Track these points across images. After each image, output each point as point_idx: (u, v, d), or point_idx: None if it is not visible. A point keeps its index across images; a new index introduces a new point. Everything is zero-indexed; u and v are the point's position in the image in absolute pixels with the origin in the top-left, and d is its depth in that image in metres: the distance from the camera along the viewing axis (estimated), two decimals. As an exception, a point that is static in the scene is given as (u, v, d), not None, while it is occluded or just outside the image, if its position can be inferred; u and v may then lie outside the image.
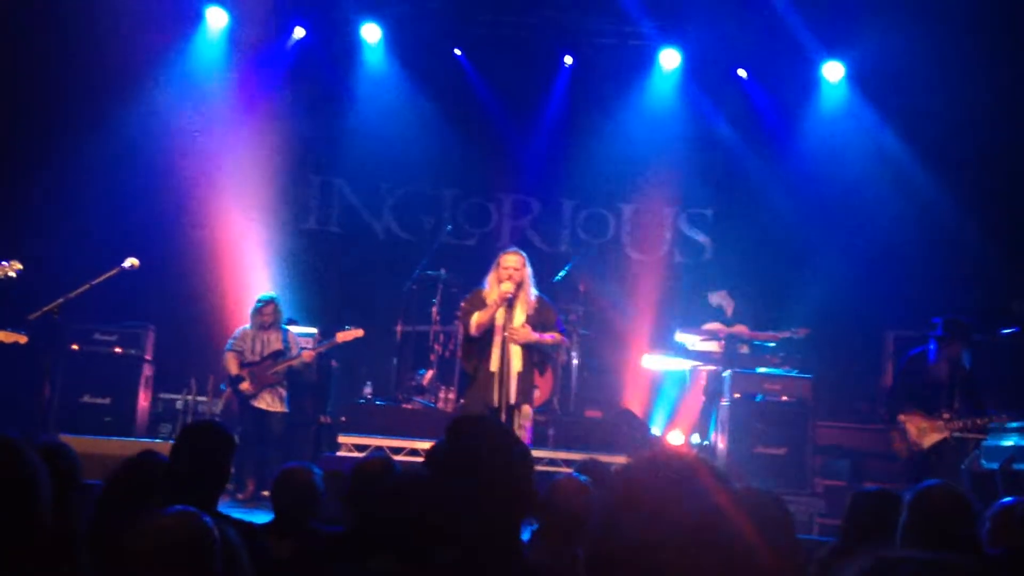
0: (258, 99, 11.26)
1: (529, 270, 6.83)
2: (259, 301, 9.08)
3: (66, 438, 6.86)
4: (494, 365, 6.63)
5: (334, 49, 11.49)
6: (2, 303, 7.92)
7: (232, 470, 3.53)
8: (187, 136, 10.74)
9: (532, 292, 6.81)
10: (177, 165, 10.69)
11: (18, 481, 2.00)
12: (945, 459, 7.50)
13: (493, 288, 6.74)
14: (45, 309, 7.15)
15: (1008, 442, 7.91)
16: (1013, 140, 10.43)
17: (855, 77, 11.23)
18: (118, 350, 9.47)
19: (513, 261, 6.75)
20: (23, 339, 7.47)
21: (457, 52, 11.60)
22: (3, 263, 7.30)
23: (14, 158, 10.44)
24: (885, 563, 1.16)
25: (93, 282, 7.60)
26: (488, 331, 6.69)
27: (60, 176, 10.19)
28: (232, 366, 8.86)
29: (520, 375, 6.66)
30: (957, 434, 7.54)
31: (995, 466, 7.87)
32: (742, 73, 11.46)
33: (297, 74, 11.42)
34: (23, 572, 1.95)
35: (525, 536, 3.20)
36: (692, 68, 11.48)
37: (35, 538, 1.99)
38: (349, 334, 9.12)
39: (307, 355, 8.97)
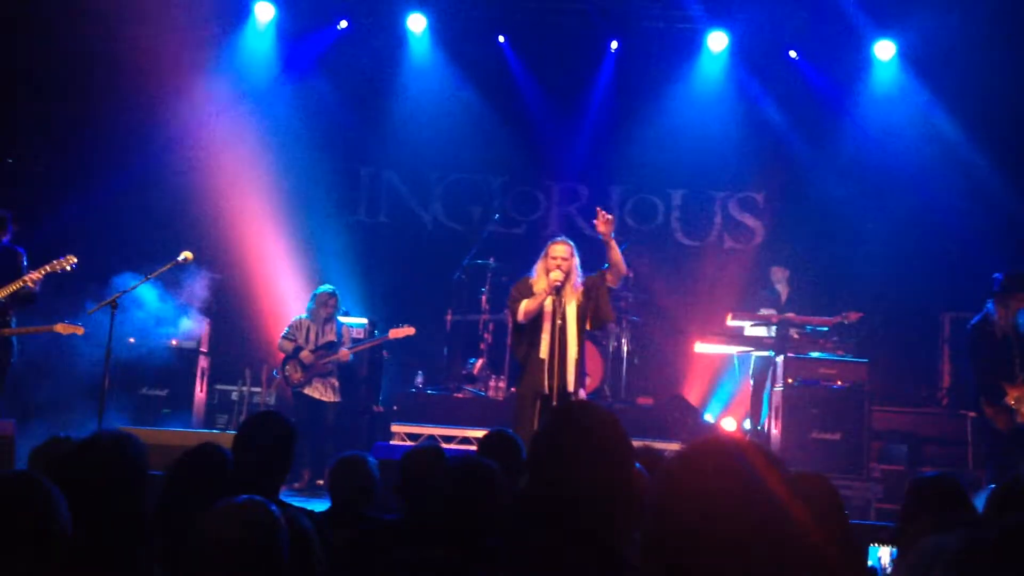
0: (306, 92, 11.37)
1: (577, 259, 6.82)
2: (321, 292, 9.17)
3: (126, 430, 7.01)
4: (544, 352, 6.63)
5: (380, 40, 11.54)
6: (59, 296, 8.10)
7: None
8: (237, 128, 10.85)
9: (579, 279, 6.81)
10: (228, 158, 10.81)
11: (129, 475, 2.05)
12: None
13: (541, 277, 6.74)
14: (104, 302, 7.30)
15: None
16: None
17: (907, 56, 11.03)
18: (174, 343, 9.62)
19: (561, 251, 6.75)
20: (80, 331, 7.64)
21: (501, 39, 11.58)
22: (59, 258, 7.46)
23: (69, 154, 10.64)
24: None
25: (150, 275, 7.75)
26: (537, 319, 6.70)
27: (115, 171, 10.35)
28: (286, 353, 9.02)
29: (576, 362, 6.66)
30: None
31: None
32: (792, 54, 11.30)
33: (344, 66, 11.50)
34: (104, 561, 2.00)
35: None
36: (740, 50, 11.36)
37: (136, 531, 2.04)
38: (401, 332, 9.19)
39: (343, 354, 9.02)
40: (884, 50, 11.09)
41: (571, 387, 6.60)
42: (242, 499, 2.15)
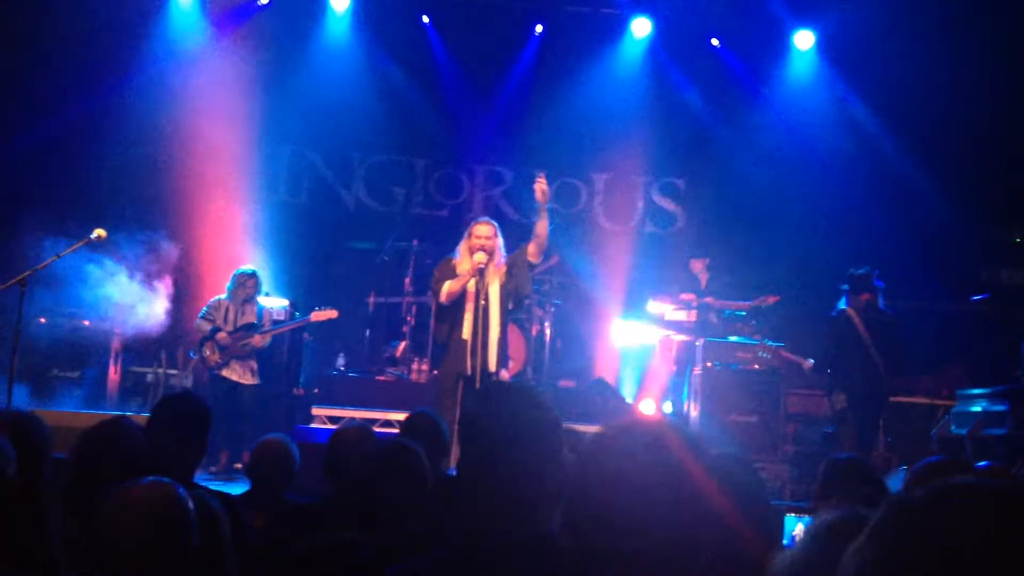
0: (226, 69, 11.12)
1: (501, 240, 6.83)
2: (241, 274, 8.99)
3: (37, 412, 6.80)
4: (466, 333, 6.63)
5: (301, 19, 11.36)
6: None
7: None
8: (159, 104, 10.59)
9: (502, 259, 6.81)
10: (151, 136, 10.56)
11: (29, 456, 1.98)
12: None
13: (464, 257, 6.74)
14: (12, 280, 7.06)
15: (976, 408, 8.03)
16: (980, 108, 10.49)
17: (825, 46, 11.26)
18: (86, 323, 9.36)
19: (485, 231, 6.75)
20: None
21: (425, 19, 11.49)
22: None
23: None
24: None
25: (61, 253, 7.52)
26: (459, 300, 6.70)
27: (28, 136, 10.03)
28: (202, 333, 8.82)
29: (499, 341, 6.67)
30: None
31: (964, 432, 8.00)
32: (714, 42, 11.44)
33: (264, 44, 11.27)
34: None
35: None
36: (663, 37, 11.45)
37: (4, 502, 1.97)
38: (323, 314, 9.06)
39: (257, 340, 8.83)
40: (803, 40, 11.30)
41: (492, 367, 6.61)
42: (147, 480, 2.10)
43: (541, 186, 6.65)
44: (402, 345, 10.30)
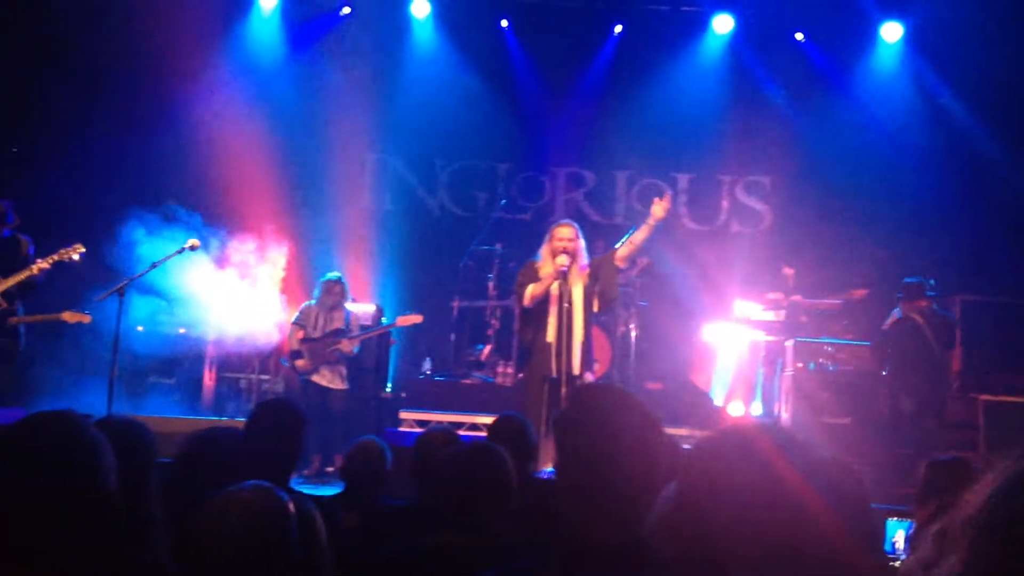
0: (310, 80, 11.32)
1: (582, 242, 6.81)
2: (327, 280, 9.14)
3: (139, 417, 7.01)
4: (551, 336, 6.61)
5: (383, 27, 11.49)
6: (66, 285, 8.09)
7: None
8: (244, 117, 10.80)
9: (584, 261, 6.79)
10: (235, 146, 10.76)
11: (78, 456, 2.02)
12: None
13: (547, 260, 6.72)
14: (112, 290, 7.28)
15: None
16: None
17: (914, 38, 10.96)
18: (182, 331, 9.60)
19: (567, 233, 6.72)
20: (87, 319, 7.63)
21: (504, 23, 11.52)
22: (67, 247, 7.46)
23: (77, 142, 10.61)
24: None
25: (157, 262, 7.73)
26: (543, 303, 6.67)
27: (126, 160, 10.30)
28: (294, 341, 8.97)
29: (583, 344, 6.64)
30: None
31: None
32: (799, 36, 11.22)
33: (347, 53, 11.45)
34: (94, 550, 1.98)
35: None
36: (746, 33, 11.29)
37: (105, 515, 2.01)
38: (408, 319, 9.13)
39: (345, 346, 8.92)
40: (891, 32, 11.02)
41: (577, 370, 6.57)
42: (249, 485, 2.14)
43: (665, 204, 6.60)
44: (487, 349, 10.34)
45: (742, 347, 10.03)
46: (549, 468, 4.96)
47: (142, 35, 10.02)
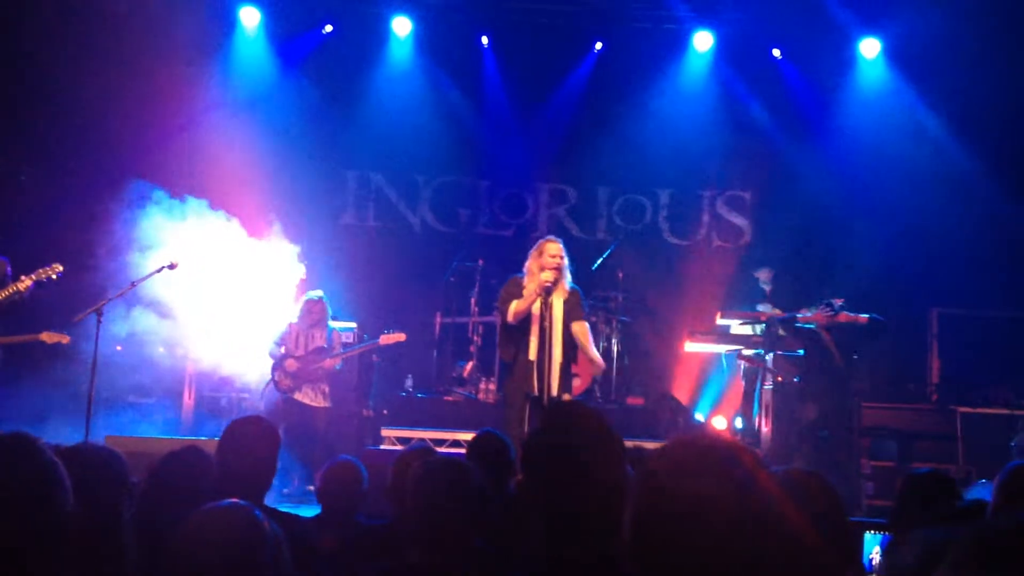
0: (292, 96, 11.32)
1: (567, 260, 6.80)
2: (308, 299, 9.12)
3: (113, 438, 6.96)
4: (533, 354, 6.59)
5: (364, 44, 11.51)
6: (44, 305, 8.04)
7: (278, 465, 3.54)
8: (227, 133, 10.77)
9: (568, 280, 6.78)
10: (216, 163, 10.73)
11: (32, 479, 2.00)
12: None
13: (532, 275, 6.70)
14: (90, 310, 7.24)
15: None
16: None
17: (892, 53, 11.06)
18: (161, 350, 9.54)
19: (557, 249, 6.71)
20: (66, 339, 7.59)
21: (485, 41, 11.56)
22: (46, 266, 7.41)
23: (53, 161, 10.56)
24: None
25: (136, 281, 7.69)
26: (526, 320, 6.66)
27: (103, 176, 10.26)
28: (276, 360, 8.94)
29: (562, 365, 6.62)
30: None
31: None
32: (777, 53, 11.31)
33: (329, 70, 11.46)
34: (55, 572, 1.96)
35: None
36: (726, 50, 11.37)
37: (63, 537, 1.99)
38: (391, 338, 9.11)
39: (328, 363, 8.90)
40: (869, 48, 11.11)
41: (555, 391, 6.55)
42: (225, 504, 2.12)
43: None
44: (469, 365, 10.32)
45: (724, 361, 10.05)
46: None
47: (125, 55, 10.00)
